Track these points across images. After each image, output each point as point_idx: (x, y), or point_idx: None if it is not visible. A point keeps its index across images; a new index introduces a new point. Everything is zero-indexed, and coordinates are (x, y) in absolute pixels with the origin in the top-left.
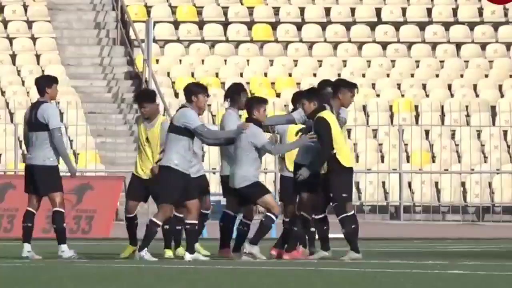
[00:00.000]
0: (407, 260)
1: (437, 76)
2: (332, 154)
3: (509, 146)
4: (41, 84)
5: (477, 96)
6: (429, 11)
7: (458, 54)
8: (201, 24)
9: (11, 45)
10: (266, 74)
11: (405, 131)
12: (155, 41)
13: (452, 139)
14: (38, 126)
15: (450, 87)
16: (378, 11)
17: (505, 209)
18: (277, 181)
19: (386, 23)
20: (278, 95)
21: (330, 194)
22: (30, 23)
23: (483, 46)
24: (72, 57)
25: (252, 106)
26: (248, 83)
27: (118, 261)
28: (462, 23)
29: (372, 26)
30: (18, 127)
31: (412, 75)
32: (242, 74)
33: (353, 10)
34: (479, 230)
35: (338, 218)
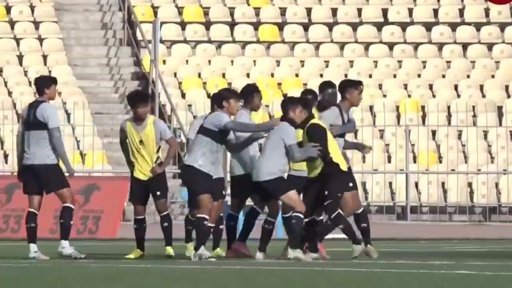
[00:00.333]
0: (414, 260)
1: (443, 76)
2: (328, 158)
3: None
4: (40, 84)
5: (483, 96)
6: (435, 12)
7: (464, 55)
8: (207, 24)
9: (18, 45)
10: (272, 75)
11: (411, 132)
12: (162, 41)
13: (458, 140)
14: (37, 125)
15: (456, 88)
16: (385, 12)
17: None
18: None
19: (392, 24)
20: (285, 96)
21: (325, 192)
22: (37, 24)
23: (490, 46)
24: (79, 57)
25: (287, 106)
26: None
27: (124, 261)
28: (469, 24)
29: (378, 26)
30: None
31: (418, 76)
32: (248, 75)
33: (359, 11)
34: (486, 230)
35: (332, 217)
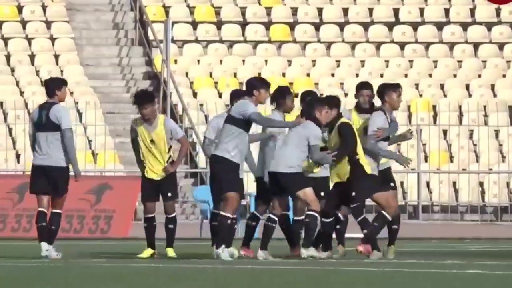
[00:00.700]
0: (425, 259)
1: (455, 76)
2: (355, 159)
3: None
4: (50, 86)
5: (495, 96)
6: (446, 12)
7: (475, 54)
8: (219, 24)
9: (30, 45)
10: (284, 75)
11: (423, 131)
12: (174, 41)
13: (470, 139)
14: (50, 126)
15: (468, 87)
16: (396, 11)
17: None
18: None
19: (404, 24)
20: (296, 96)
21: (352, 194)
22: (48, 24)
23: (501, 46)
24: (90, 57)
25: (313, 106)
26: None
27: (136, 260)
28: (480, 23)
29: (390, 26)
30: None
31: (430, 75)
32: (260, 75)
33: (371, 10)
34: (497, 229)
35: (358, 220)
